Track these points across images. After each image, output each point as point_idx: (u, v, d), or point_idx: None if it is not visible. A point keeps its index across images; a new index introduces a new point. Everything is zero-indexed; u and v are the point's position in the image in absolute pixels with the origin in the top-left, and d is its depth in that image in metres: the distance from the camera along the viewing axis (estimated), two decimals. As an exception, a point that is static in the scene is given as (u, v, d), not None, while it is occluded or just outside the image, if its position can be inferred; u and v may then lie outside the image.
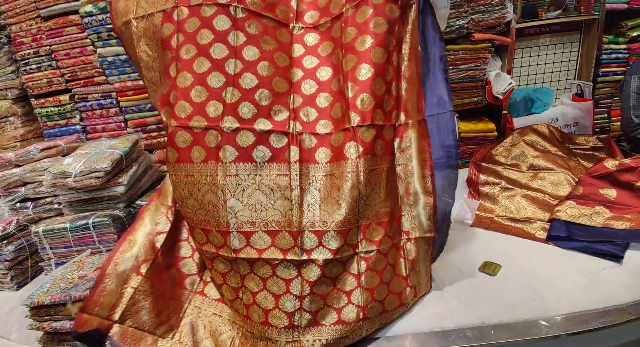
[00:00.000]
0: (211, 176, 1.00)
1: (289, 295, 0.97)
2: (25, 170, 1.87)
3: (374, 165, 1.02)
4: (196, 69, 1.03)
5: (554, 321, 1.14)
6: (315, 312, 0.98)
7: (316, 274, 0.99)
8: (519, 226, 1.66)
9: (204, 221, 1.04)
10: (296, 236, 0.99)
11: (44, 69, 2.15)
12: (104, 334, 0.99)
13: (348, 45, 1.04)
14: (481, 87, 2.20)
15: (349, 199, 0.99)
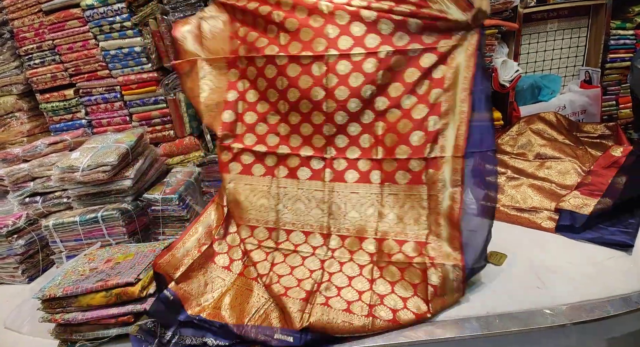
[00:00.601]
0: (267, 186, 1.36)
1: (311, 279, 1.19)
2: (33, 165, 1.90)
3: (395, 192, 1.22)
4: (259, 109, 1.39)
5: (559, 310, 1.15)
6: (328, 297, 1.14)
7: (336, 269, 1.21)
8: (525, 215, 1.65)
9: (253, 219, 1.36)
10: (325, 237, 1.27)
11: (48, 63, 2.15)
12: (167, 283, 1.22)
13: (380, 86, 1.18)
14: (487, 75, 2.16)
15: (368, 214, 1.24)
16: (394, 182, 1.22)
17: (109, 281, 1.18)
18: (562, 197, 1.66)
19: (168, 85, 2.17)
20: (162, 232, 1.83)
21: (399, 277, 1.15)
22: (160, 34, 2.06)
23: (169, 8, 1.98)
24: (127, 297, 1.18)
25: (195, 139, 2.25)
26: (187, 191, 1.84)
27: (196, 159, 2.19)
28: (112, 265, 1.31)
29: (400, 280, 1.15)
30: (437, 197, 1.16)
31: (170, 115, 2.20)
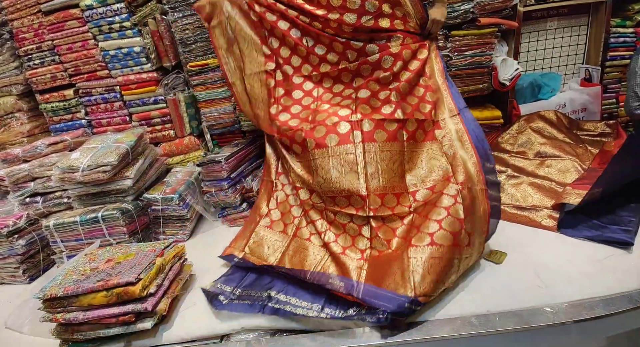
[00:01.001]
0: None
1: (362, 236, 1.35)
2: (34, 166, 1.90)
3: (415, 148, 1.41)
4: (293, 111, 1.60)
5: (560, 308, 1.15)
6: (380, 251, 1.31)
7: (379, 224, 1.35)
8: (525, 214, 1.65)
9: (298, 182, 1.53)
10: (364, 198, 1.35)
11: (47, 64, 2.15)
12: (236, 256, 1.49)
13: (394, 73, 1.45)
14: (487, 74, 2.16)
15: (399, 171, 1.37)
16: (415, 140, 1.41)
17: (109, 280, 1.19)
18: (560, 196, 1.65)
19: (168, 84, 2.17)
20: (163, 232, 1.84)
21: (433, 206, 1.29)
22: (160, 34, 2.06)
23: (168, 8, 1.98)
24: (128, 296, 1.18)
25: (195, 138, 2.25)
26: (187, 191, 1.85)
27: (196, 158, 2.20)
28: (113, 265, 1.31)
29: (434, 208, 1.28)
30: (449, 146, 1.38)
31: (170, 115, 2.21)
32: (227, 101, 2.17)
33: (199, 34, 2.03)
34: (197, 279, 1.49)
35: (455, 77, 2.16)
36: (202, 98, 2.16)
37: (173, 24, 2.01)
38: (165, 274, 1.31)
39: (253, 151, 2.12)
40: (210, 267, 1.55)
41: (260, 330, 1.24)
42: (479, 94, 2.22)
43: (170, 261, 1.36)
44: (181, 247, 1.46)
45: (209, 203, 1.93)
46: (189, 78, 2.14)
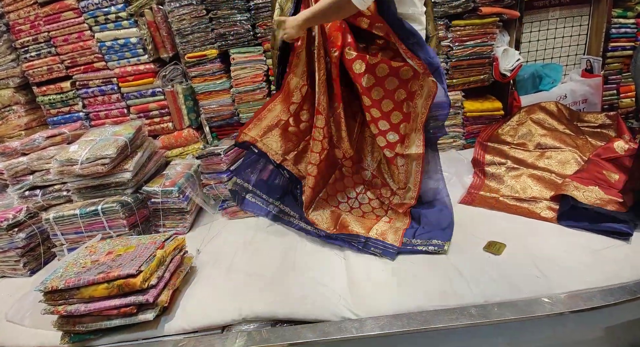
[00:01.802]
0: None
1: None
2: (32, 159, 1.89)
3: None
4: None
5: (558, 298, 1.16)
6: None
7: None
8: (525, 205, 1.66)
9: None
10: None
11: (44, 56, 2.12)
12: (251, 144, 1.62)
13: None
14: (488, 64, 2.14)
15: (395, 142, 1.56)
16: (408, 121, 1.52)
17: (110, 272, 1.19)
18: (559, 188, 1.65)
19: (165, 76, 2.15)
20: (163, 225, 1.84)
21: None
22: (157, 25, 2.03)
23: (165, -3, 1.95)
24: (129, 288, 1.18)
25: (194, 131, 2.24)
26: (186, 183, 1.84)
27: (195, 151, 2.19)
28: (114, 257, 1.31)
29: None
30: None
31: (168, 107, 2.19)
32: (226, 93, 2.15)
33: (196, 25, 2.00)
34: (197, 271, 1.50)
35: (456, 68, 2.14)
36: (200, 90, 2.14)
37: (170, 14, 1.98)
38: (166, 266, 1.31)
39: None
40: (210, 260, 1.56)
41: (260, 321, 1.25)
42: (480, 85, 2.20)
43: (170, 253, 1.37)
44: (181, 240, 1.47)
45: (208, 196, 1.93)
46: (187, 69, 2.11)
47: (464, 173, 1.97)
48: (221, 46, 2.05)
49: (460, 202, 1.75)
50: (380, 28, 1.35)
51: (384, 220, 1.60)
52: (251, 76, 2.09)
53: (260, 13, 1.97)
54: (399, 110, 1.47)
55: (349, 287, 1.30)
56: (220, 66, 2.09)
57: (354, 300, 1.24)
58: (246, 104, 2.15)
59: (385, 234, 1.50)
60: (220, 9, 1.96)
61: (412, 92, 1.44)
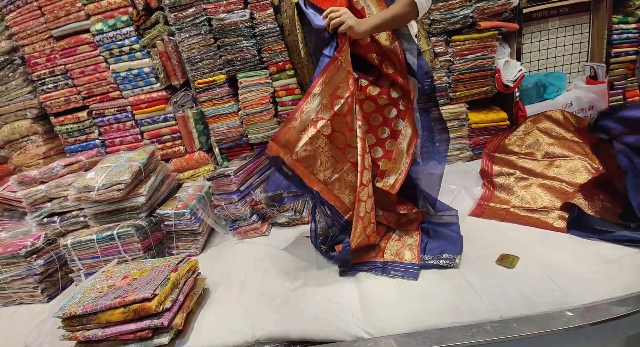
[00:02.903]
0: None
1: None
2: (51, 187, 1.96)
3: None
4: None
5: (578, 311, 1.13)
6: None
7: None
8: (536, 216, 1.64)
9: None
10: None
11: (61, 87, 2.22)
12: (283, 161, 1.37)
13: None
14: (490, 76, 2.16)
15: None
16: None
17: (126, 297, 1.21)
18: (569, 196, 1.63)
19: (177, 102, 2.23)
20: (176, 247, 1.87)
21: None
22: (168, 54, 2.12)
23: (175, 29, 2.05)
24: (144, 312, 1.20)
25: (204, 153, 2.30)
26: (198, 205, 1.88)
27: (206, 173, 2.24)
28: (129, 281, 1.34)
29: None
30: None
31: (179, 131, 2.26)
32: (234, 115, 2.21)
33: (205, 53, 2.09)
34: (210, 292, 1.52)
35: (458, 81, 2.17)
36: (210, 113, 2.21)
37: (180, 44, 2.07)
38: (179, 289, 1.33)
39: (261, 163, 2.15)
40: (222, 281, 1.57)
41: (273, 342, 1.25)
42: (483, 96, 2.22)
43: (184, 276, 1.39)
44: (194, 262, 1.49)
45: (219, 216, 1.96)
46: (197, 95, 2.19)
47: (473, 185, 1.96)
48: (229, 71, 2.13)
49: (470, 214, 1.74)
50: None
51: (394, 238, 1.60)
52: (258, 98, 2.15)
53: (265, 38, 2.05)
54: (382, 147, 1.51)
55: (361, 305, 1.29)
56: (229, 90, 2.17)
57: (367, 318, 1.23)
58: (254, 125, 2.21)
59: (401, 254, 1.48)
60: (227, 37, 2.05)
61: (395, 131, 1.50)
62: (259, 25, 2.02)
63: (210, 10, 2.00)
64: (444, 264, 1.40)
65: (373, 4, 1.38)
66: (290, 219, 1.93)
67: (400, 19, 1.31)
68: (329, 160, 1.40)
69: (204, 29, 2.04)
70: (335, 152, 1.41)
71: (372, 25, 1.30)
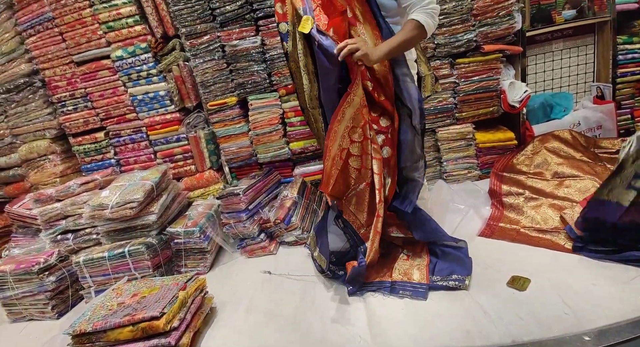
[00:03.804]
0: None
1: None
2: (66, 204, 2.01)
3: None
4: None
5: (592, 334, 1.10)
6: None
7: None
8: (547, 236, 1.61)
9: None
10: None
11: (81, 109, 2.32)
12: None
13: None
14: (496, 97, 2.19)
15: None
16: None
17: (135, 315, 1.22)
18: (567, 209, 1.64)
19: (189, 123, 2.31)
20: (185, 265, 1.88)
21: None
22: (183, 78, 2.22)
23: (190, 55, 2.15)
24: (152, 331, 1.21)
25: (214, 172, 2.35)
26: (207, 223, 1.91)
27: (216, 191, 2.28)
28: (139, 299, 1.35)
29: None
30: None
31: (191, 151, 2.33)
32: (244, 136, 2.27)
33: (217, 76, 2.18)
34: (217, 311, 1.51)
35: (464, 102, 2.21)
36: (221, 134, 2.28)
37: (194, 69, 2.17)
38: (187, 308, 1.34)
39: (270, 182, 2.18)
40: (229, 300, 1.57)
41: (281, 363, 1.23)
42: (490, 116, 2.24)
43: (192, 294, 1.39)
44: (202, 280, 1.50)
45: (228, 235, 1.98)
46: (209, 116, 2.27)
47: (482, 205, 1.95)
48: (240, 94, 2.21)
49: (480, 234, 1.73)
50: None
51: (402, 258, 1.58)
52: (267, 119, 2.22)
53: (275, 63, 2.14)
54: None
55: (369, 326, 1.27)
56: (239, 112, 2.24)
57: (374, 340, 1.21)
58: (263, 144, 2.27)
59: (410, 274, 1.47)
60: (239, 62, 2.14)
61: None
62: (270, 50, 2.11)
63: (223, 37, 2.11)
64: (454, 286, 1.38)
65: (367, 29, 1.42)
66: (297, 238, 1.93)
67: (410, 42, 1.35)
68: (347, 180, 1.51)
69: (217, 55, 2.13)
70: (354, 172, 1.50)
71: (385, 52, 1.33)
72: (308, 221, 2.02)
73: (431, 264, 1.50)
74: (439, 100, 2.21)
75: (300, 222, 1.94)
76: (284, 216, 1.89)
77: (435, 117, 2.24)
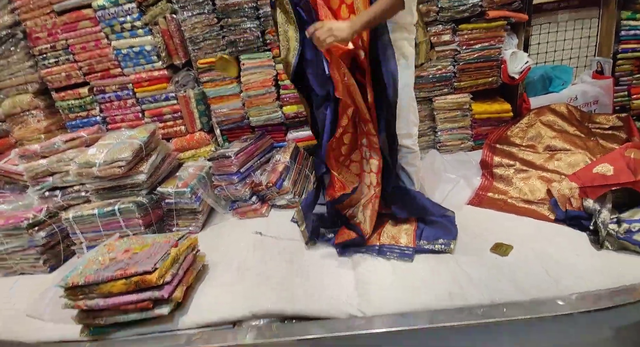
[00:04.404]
0: None
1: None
2: (52, 161, 1.97)
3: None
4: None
5: (568, 299, 1.16)
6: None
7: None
8: (533, 207, 1.66)
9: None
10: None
11: (62, 62, 2.20)
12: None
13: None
14: (496, 67, 2.15)
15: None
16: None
17: (127, 269, 1.24)
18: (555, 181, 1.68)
19: (178, 82, 2.22)
20: (176, 224, 1.89)
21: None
22: (170, 33, 2.10)
23: (178, 7, 2.02)
24: (145, 284, 1.23)
25: (205, 134, 2.30)
26: (198, 185, 1.90)
27: (207, 153, 2.25)
28: (130, 255, 1.36)
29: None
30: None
31: (180, 111, 2.26)
32: (236, 97, 2.20)
33: (207, 32, 2.06)
34: (209, 269, 1.55)
35: (464, 71, 2.16)
36: (212, 94, 2.20)
37: (183, 22, 2.04)
38: (179, 264, 1.36)
39: (262, 146, 2.16)
40: (221, 259, 1.60)
41: (270, 317, 1.28)
42: (488, 87, 2.21)
43: (184, 252, 1.41)
44: (194, 239, 1.52)
45: (219, 196, 1.98)
46: (199, 75, 2.18)
47: (472, 175, 1.98)
48: (232, 52, 2.11)
49: (468, 203, 1.76)
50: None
51: (390, 223, 1.62)
52: (260, 81, 2.14)
53: (269, 20, 2.03)
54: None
55: (356, 287, 1.32)
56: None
57: (361, 299, 1.26)
58: (256, 107, 2.21)
59: (397, 237, 1.52)
60: (230, 17, 2.02)
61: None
62: (263, 6, 1.99)
63: (214, -12, 1.97)
64: (439, 249, 1.42)
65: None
66: (289, 202, 1.95)
67: (388, 12, 1.29)
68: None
69: (207, 8, 2.01)
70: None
71: (362, 23, 1.29)
72: (300, 186, 2.02)
73: (418, 230, 1.54)
74: (438, 68, 2.16)
75: (292, 186, 1.94)
76: (276, 180, 1.89)
77: (433, 86, 2.20)
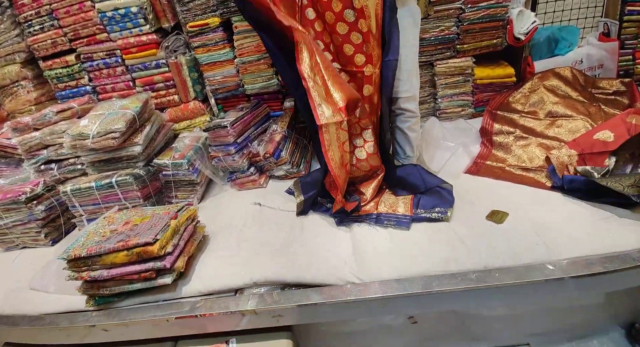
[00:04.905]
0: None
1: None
2: (45, 134, 1.93)
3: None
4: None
5: (557, 264, 1.19)
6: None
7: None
8: (530, 175, 1.66)
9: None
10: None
11: (47, 29, 2.09)
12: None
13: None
14: (502, 27, 2.04)
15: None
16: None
17: (129, 241, 1.26)
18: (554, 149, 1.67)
19: (168, 47, 2.12)
20: (175, 196, 1.90)
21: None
22: (156, -8, 1.97)
23: (164, -37, 1.87)
24: (147, 255, 1.26)
25: (200, 103, 2.24)
26: (195, 156, 1.88)
27: (202, 123, 2.20)
28: (131, 227, 1.38)
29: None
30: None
31: (173, 79, 2.18)
32: (230, 63, 2.12)
33: (197, -8, 1.93)
34: (210, 239, 1.57)
35: (467, 32, 2.06)
36: (204, 61, 2.11)
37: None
38: (180, 235, 1.38)
39: (258, 115, 2.11)
40: (221, 230, 1.62)
41: (270, 284, 1.33)
42: (492, 50, 2.12)
43: (184, 223, 1.43)
44: (193, 210, 1.53)
45: (217, 168, 1.97)
46: (189, 40, 2.08)
47: (471, 143, 1.96)
48: (223, 14, 1.99)
49: (466, 171, 1.76)
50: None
51: (388, 192, 1.63)
52: (255, 45, 2.04)
53: (263, -23, 1.89)
54: (361, 52, 1.47)
55: (354, 255, 1.35)
56: (223, 35, 2.05)
57: (358, 266, 1.30)
58: (251, 74, 2.13)
59: (395, 206, 1.54)
60: (220, -26, 1.89)
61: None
62: (256, -39, 1.85)
63: (201, -59, 1.82)
64: (436, 217, 1.44)
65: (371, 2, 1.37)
66: (287, 172, 1.94)
67: None
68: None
69: (196, -36, 1.87)
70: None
71: None
72: (298, 156, 2.01)
73: (415, 199, 1.56)
74: (440, 29, 2.05)
75: (290, 156, 1.93)
76: (274, 150, 1.87)
77: (434, 49, 2.11)
